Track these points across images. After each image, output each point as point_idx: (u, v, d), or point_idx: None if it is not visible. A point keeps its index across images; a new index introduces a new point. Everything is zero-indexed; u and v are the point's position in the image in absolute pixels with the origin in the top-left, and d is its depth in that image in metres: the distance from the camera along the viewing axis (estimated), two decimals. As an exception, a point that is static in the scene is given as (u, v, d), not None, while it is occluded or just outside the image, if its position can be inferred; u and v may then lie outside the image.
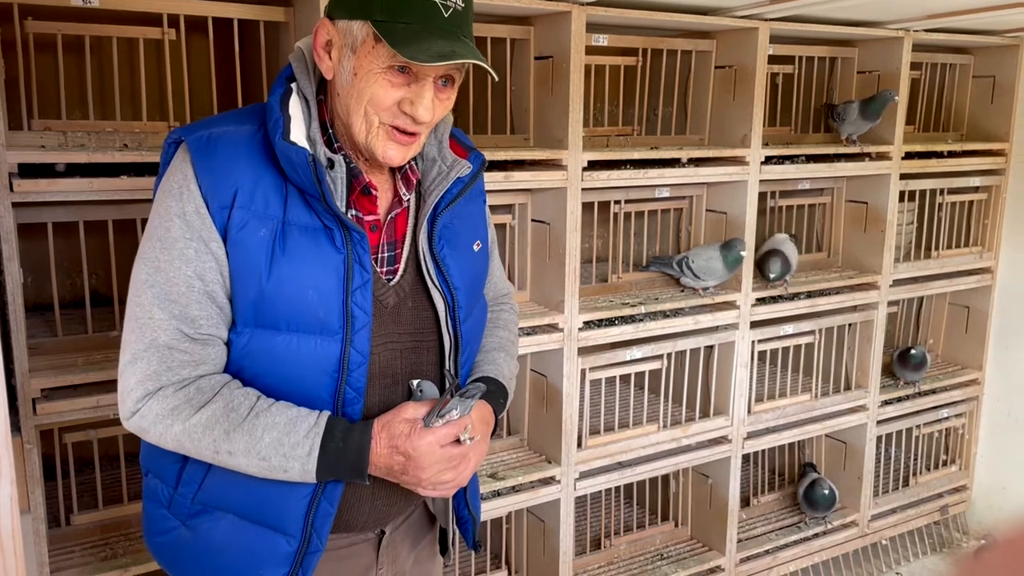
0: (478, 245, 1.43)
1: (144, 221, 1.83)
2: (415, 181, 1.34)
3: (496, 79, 1.25)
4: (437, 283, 1.34)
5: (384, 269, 1.32)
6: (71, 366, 1.78)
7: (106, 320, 1.92)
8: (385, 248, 1.32)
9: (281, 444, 1.20)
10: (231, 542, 1.29)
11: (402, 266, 1.33)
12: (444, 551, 1.54)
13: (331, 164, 1.25)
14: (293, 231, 1.22)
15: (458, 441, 1.25)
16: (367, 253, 1.25)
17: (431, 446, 1.23)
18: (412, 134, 1.24)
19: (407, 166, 1.32)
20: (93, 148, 1.73)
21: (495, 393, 1.41)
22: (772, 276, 2.63)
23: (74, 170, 1.71)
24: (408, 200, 1.34)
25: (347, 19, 1.19)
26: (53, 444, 1.88)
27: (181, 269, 1.20)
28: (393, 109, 1.21)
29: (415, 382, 1.33)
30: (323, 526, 1.28)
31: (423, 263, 1.33)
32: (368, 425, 1.24)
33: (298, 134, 1.23)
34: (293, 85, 1.26)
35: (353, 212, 1.28)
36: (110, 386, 1.77)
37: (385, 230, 1.32)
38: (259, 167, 1.22)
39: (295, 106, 1.25)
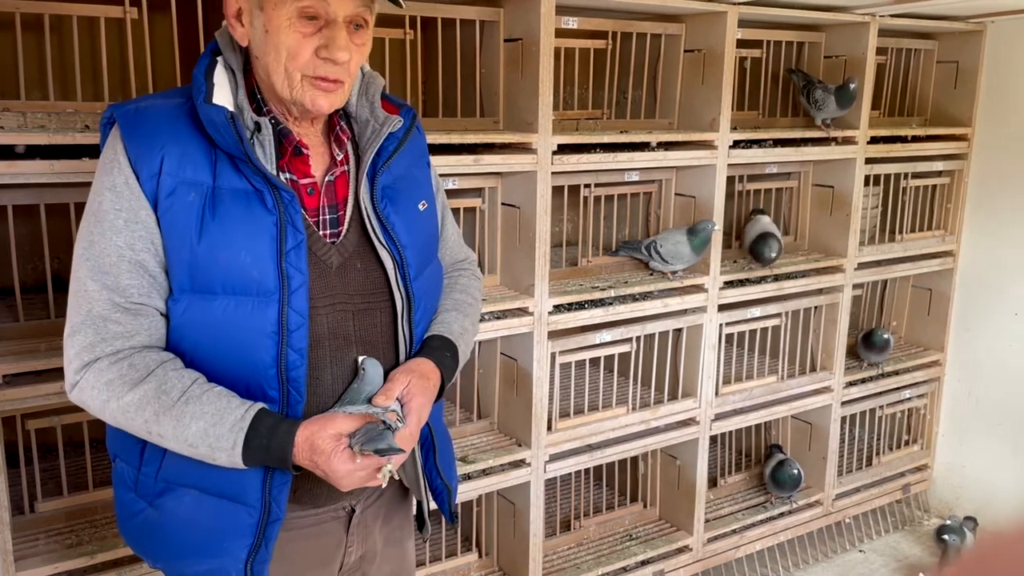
0: (423, 205, 1.44)
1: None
2: (346, 140, 1.37)
3: (403, 7, 1.30)
4: (383, 242, 1.35)
5: (327, 231, 1.33)
6: (33, 351, 1.75)
7: (69, 305, 1.89)
8: (327, 210, 1.34)
9: (207, 435, 1.21)
10: (195, 518, 1.30)
11: (345, 227, 1.34)
12: (421, 526, 1.54)
13: (258, 127, 1.27)
14: (224, 196, 1.24)
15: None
16: (299, 213, 1.27)
17: (350, 473, 1.24)
18: (335, 80, 1.26)
19: (337, 127, 1.36)
20: (54, 129, 1.69)
21: (440, 348, 1.42)
22: (772, 256, 2.68)
23: (34, 152, 1.67)
24: (341, 157, 1.36)
25: None
26: (16, 431, 1.85)
27: (111, 240, 1.23)
28: (312, 60, 1.24)
29: (361, 359, 1.33)
30: (280, 494, 1.29)
31: (367, 222, 1.35)
32: (293, 428, 1.23)
33: (222, 99, 1.26)
34: (219, 58, 1.30)
35: (287, 175, 1.31)
36: (74, 372, 1.75)
37: (324, 192, 1.34)
38: (186, 135, 1.25)
39: (220, 75, 1.29)
